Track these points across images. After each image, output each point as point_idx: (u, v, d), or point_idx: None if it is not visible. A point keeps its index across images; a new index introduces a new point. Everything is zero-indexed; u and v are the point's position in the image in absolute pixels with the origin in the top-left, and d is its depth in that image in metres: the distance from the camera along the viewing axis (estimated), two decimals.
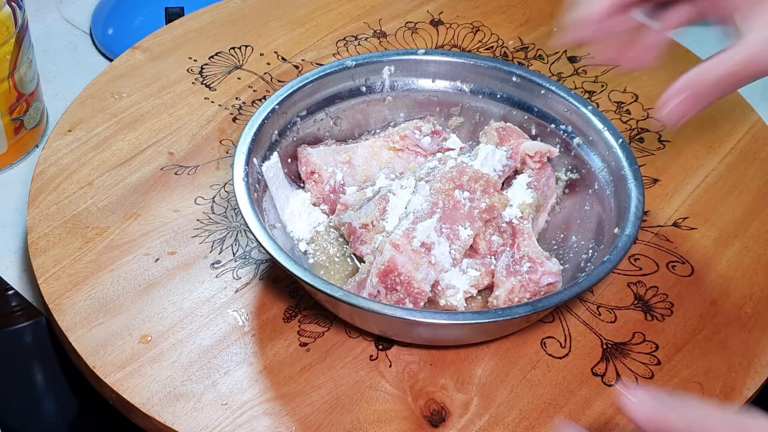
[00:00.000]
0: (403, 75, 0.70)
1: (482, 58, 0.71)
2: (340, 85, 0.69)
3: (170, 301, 0.62)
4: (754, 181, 0.73)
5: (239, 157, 0.62)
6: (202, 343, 0.60)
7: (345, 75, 0.69)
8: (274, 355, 0.59)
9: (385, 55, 0.70)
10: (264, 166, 0.64)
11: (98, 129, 0.75)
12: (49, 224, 0.67)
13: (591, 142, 0.67)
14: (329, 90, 0.69)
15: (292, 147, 0.68)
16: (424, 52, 0.70)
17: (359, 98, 0.70)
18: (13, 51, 0.73)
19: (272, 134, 0.66)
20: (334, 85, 0.69)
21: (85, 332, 0.60)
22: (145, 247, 0.66)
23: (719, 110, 0.79)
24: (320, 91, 0.68)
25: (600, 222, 0.64)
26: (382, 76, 0.70)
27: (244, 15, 0.87)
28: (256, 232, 0.58)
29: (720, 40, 0.95)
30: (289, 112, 0.67)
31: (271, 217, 0.63)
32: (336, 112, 0.70)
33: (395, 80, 0.70)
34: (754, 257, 0.68)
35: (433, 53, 0.71)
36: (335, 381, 0.58)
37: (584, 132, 0.67)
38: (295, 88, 0.67)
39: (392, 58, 0.70)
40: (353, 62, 0.69)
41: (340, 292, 0.55)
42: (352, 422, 0.56)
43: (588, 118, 0.67)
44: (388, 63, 0.70)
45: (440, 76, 0.71)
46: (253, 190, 0.61)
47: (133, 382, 0.57)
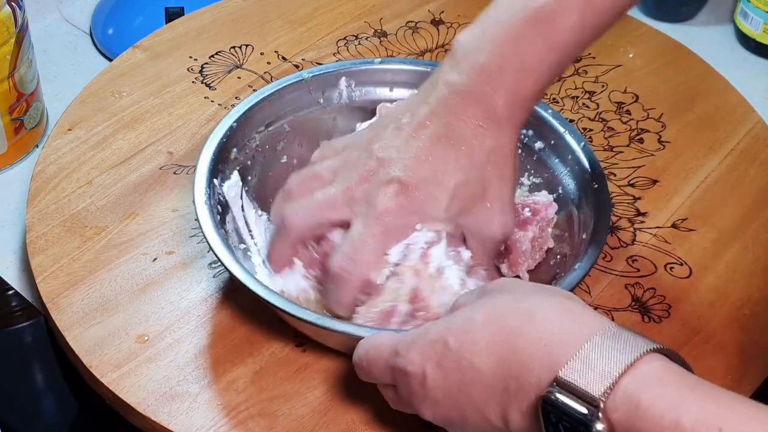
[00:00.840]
0: (360, 85, 0.69)
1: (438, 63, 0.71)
2: (297, 98, 0.68)
3: (167, 301, 0.62)
4: (754, 183, 0.73)
5: (199, 179, 0.60)
6: (198, 343, 0.60)
7: (302, 87, 0.68)
8: (270, 355, 0.59)
9: (340, 65, 0.69)
10: (225, 186, 0.63)
11: (98, 128, 0.75)
12: (47, 223, 0.67)
13: (553, 146, 0.66)
14: (287, 103, 0.68)
15: (251, 163, 0.66)
16: (380, 61, 0.70)
17: (317, 109, 0.69)
18: (13, 51, 0.73)
19: (231, 152, 0.64)
20: (292, 98, 0.68)
21: (82, 331, 0.60)
22: (143, 247, 0.66)
23: (719, 111, 0.79)
24: (278, 104, 0.67)
25: (568, 225, 0.63)
26: (339, 87, 0.69)
27: (245, 14, 0.87)
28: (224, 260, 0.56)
29: (720, 40, 0.95)
30: (247, 129, 0.66)
31: (234, 238, 0.62)
32: (294, 125, 0.68)
33: (353, 90, 0.69)
34: (753, 259, 0.67)
35: (390, 61, 0.70)
36: (330, 382, 0.58)
37: (546, 136, 0.66)
38: (252, 103, 0.66)
39: (348, 68, 0.69)
40: (309, 74, 0.68)
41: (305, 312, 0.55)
42: (347, 423, 0.56)
43: (549, 122, 0.66)
44: (345, 73, 0.69)
45: (398, 84, 0.70)
46: (216, 212, 0.60)
47: (129, 382, 0.58)
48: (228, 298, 0.63)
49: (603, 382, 0.40)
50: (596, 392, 0.40)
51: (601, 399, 0.40)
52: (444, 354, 0.46)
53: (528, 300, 0.46)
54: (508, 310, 0.46)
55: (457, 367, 0.46)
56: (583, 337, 0.42)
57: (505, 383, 0.44)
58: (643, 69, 0.83)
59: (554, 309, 0.45)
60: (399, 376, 0.49)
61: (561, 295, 0.47)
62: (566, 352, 0.42)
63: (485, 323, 0.45)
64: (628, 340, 0.42)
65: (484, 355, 0.45)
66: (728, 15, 0.96)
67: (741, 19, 0.92)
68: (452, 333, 0.46)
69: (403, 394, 0.49)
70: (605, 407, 0.40)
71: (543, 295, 0.46)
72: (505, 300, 0.47)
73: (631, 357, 0.41)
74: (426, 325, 0.49)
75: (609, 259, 0.66)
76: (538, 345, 0.43)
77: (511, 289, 0.48)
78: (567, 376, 0.41)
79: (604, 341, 0.42)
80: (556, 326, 0.44)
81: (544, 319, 0.44)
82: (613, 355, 0.41)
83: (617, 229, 0.69)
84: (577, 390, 0.41)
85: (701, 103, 0.80)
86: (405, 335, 0.50)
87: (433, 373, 0.47)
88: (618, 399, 0.40)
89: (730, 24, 0.95)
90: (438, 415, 0.48)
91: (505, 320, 0.45)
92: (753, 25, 0.91)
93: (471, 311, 0.47)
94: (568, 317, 0.44)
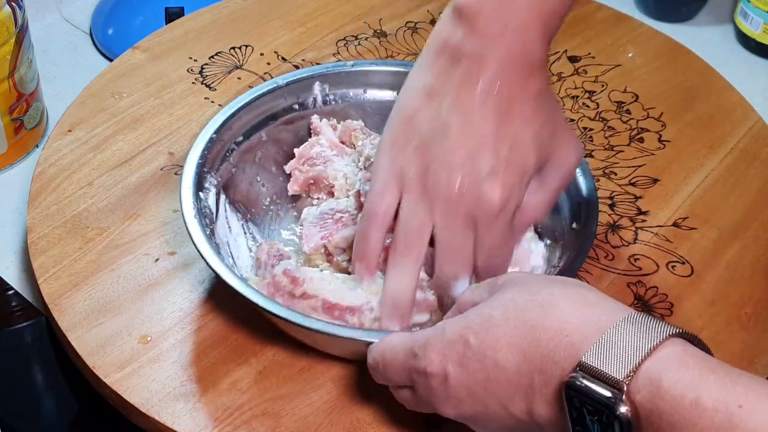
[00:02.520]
0: (334, 88, 0.70)
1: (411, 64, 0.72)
2: (273, 106, 0.68)
3: (170, 302, 0.62)
4: (754, 182, 0.73)
5: (186, 192, 0.60)
6: (201, 343, 0.60)
7: (277, 94, 0.68)
8: (273, 355, 0.59)
9: (314, 69, 0.69)
10: (210, 198, 0.62)
11: (98, 129, 0.75)
12: (49, 224, 0.67)
13: None
14: (263, 112, 0.67)
15: (230, 174, 0.66)
16: (352, 64, 0.70)
17: (292, 116, 0.69)
18: (13, 51, 0.73)
19: (213, 164, 0.64)
20: (268, 105, 0.68)
21: (85, 332, 0.60)
22: (145, 248, 0.66)
23: (719, 110, 0.79)
24: (254, 113, 0.67)
25: (554, 219, 0.64)
26: (314, 91, 0.69)
27: (245, 15, 0.87)
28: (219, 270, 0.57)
29: (720, 41, 0.95)
30: (226, 138, 0.65)
31: (226, 249, 0.62)
32: (271, 133, 0.68)
33: (327, 95, 0.69)
34: (754, 257, 0.67)
35: (362, 64, 0.71)
36: (334, 381, 0.58)
37: None
38: (229, 113, 0.65)
39: (321, 72, 0.69)
40: (284, 80, 0.68)
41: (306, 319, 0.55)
42: (352, 422, 0.56)
43: None
44: (318, 78, 0.69)
45: (372, 86, 0.70)
46: (206, 225, 0.59)
47: (132, 382, 0.57)
48: (231, 299, 0.63)
49: (626, 366, 0.41)
50: (620, 375, 0.41)
51: (624, 382, 0.41)
52: (465, 353, 0.46)
53: (544, 292, 0.46)
54: (526, 304, 0.46)
55: (480, 365, 0.46)
56: (604, 325, 0.43)
57: (529, 377, 0.44)
58: (642, 68, 0.83)
59: (572, 300, 0.45)
60: (418, 377, 0.49)
61: (575, 285, 0.47)
62: (588, 340, 0.42)
63: (505, 319, 0.46)
64: (650, 325, 0.42)
65: (506, 351, 0.45)
66: (728, 15, 0.96)
67: (741, 19, 0.92)
68: (472, 331, 0.46)
69: (423, 395, 0.49)
70: (628, 390, 0.41)
71: (558, 287, 0.46)
72: (520, 294, 0.47)
73: (653, 341, 0.41)
74: (440, 325, 0.49)
75: (611, 258, 0.67)
76: (560, 336, 0.43)
77: (524, 282, 0.48)
78: (590, 361, 0.42)
79: (626, 327, 0.42)
80: (576, 316, 0.44)
81: (564, 310, 0.44)
82: (636, 340, 0.42)
83: (619, 228, 0.69)
84: (600, 374, 0.41)
85: (701, 102, 0.80)
86: (419, 335, 0.50)
87: (455, 373, 0.47)
88: (640, 382, 0.41)
89: (730, 24, 0.95)
90: (461, 413, 0.48)
91: (524, 314, 0.45)
92: (753, 25, 0.91)
93: (488, 308, 0.47)
94: (586, 307, 0.44)
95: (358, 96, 0.70)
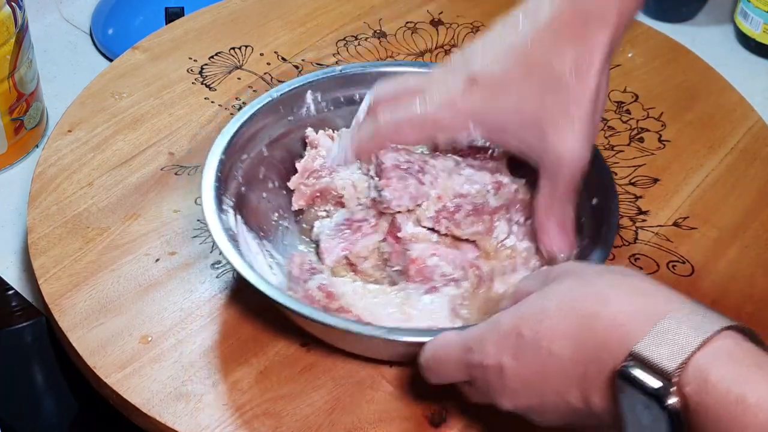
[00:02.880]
0: (326, 94, 0.69)
1: (401, 63, 0.71)
2: (270, 121, 0.67)
3: (171, 302, 0.62)
4: (754, 181, 0.73)
5: (210, 216, 0.59)
6: (202, 343, 0.60)
7: (272, 108, 0.67)
8: (274, 355, 0.59)
9: (304, 78, 0.69)
10: (230, 219, 0.61)
11: (98, 129, 0.75)
12: (49, 224, 0.67)
13: None
14: (261, 127, 0.67)
15: (240, 192, 0.64)
16: (341, 69, 0.70)
17: (288, 127, 0.68)
18: (13, 51, 0.73)
19: (227, 185, 0.63)
20: (266, 121, 0.67)
21: (86, 332, 0.60)
22: (145, 248, 0.66)
23: (719, 110, 0.79)
24: (253, 129, 0.66)
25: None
26: (306, 100, 0.69)
27: (244, 15, 0.87)
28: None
29: (720, 41, 0.95)
30: (233, 159, 0.64)
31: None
32: (271, 147, 0.67)
33: (320, 102, 0.69)
34: (754, 257, 0.68)
35: (351, 67, 0.70)
36: (336, 381, 0.58)
37: None
38: (232, 133, 0.64)
39: (311, 80, 0.69)
40: (278, 93, 0.68)
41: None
42: (353, 422, 0.56)
43: None
44: (309, 87, 0.69)
45: (365, 88, 0.69)
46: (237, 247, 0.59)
47: (133, 383, 0.57)
48: (231, 298, 0.63)
49: (677, 357, 0.41)
50: (670, 367, 0.41)
51: (674, 374, 0.41)
52: (519, 344, 0.46)
53: (598, 282, 0.46)
54: (580, 295, 0.45)
55: (535, 355, 0.46)
56: (659, 315, 0.42)
57: (584, 367, 0.44)
58: (642, 68, 0.83)
59: (627, 289, 0.45)
60: (475, 371, 0.49)
61: (631, 274, 0.47)
62: (642, 330, 0.42)
63: (559, 309, 0.45)
64: (704, 316, 0.42)
65: (561, 341, 0.45)
66: (728, 15, 0.97)
67: (741, 19, 0.92)
68: (526, 322, 0.46)
69: (481, 388, 0.49)
70: (678, 382, 0.41)
71: (613, 276, 0.46)
72: (575, 284, 0.46)
73: (705, 333, 0.41)
74: (494, 318, 0.49)
75: (612, 258, 0.67)
76: (614, 326, 0.43)
77: (579, 272, 0.48)
78: (642, 351, 0.42)
79: (680, 317, 0.42)
80: (631, 306, 0.44)
81: (618, 300, 0.44)
82: (688, 331, 0.41)
83: (619, 228, 0.69)
84: (651, 364, 0.41)
85: (701, 102, 0.80)
86: (472, 330, 0.50)
87: (510, 364, 0.47)
88: (690, 374, 0.40)
89: (730, 24, 0.95)
90: (518, 404, 0.48)
91: (579, 304, 0.45)
92: (753, 25, 0.91)
93: (542, 298, 0.47)
94: (641, 296, 0.44)
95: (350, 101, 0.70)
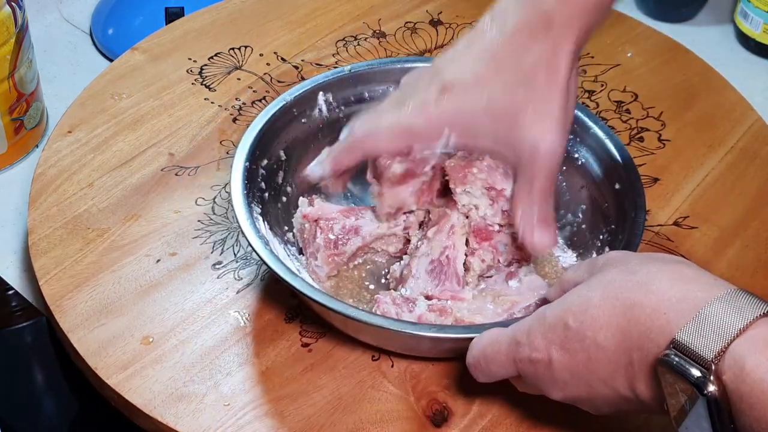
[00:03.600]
0: (337, 94, 0.69)
1: (410, 60, 0.71)
2: (285, 124, 0.67)
3: (171, 302, 0.62)
4: (754, 180, 0.73)
5: (245, 224, 0.59)
6: (203, 344, 0.60)
7: (286, 111, 0.67)
8: (276, 355, 0.59)
9: (315, 80, 0.69)
10: (261, 227, 0.61)
11: (98, 130, 0.75)
12: (49, 225, 0.67)
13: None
14: (278, 130, 0.67)
15: (264, 199, 0.65)
16: (350, 69, 0.70)
17: (302, 129, 0.68)
18: (13, 51, 0.73)
19: (253, 192, 0.63)
20: (281, 125, 0.67)
21: (87, 333, 0.60)
22: (146, 248, 0.66)
23: (719, 109, 0.79)
24: (272, 134, 0.66)
25: (590, 194, 0.65)
26: (318, 102, 0.69)
27: (244, 15, 0.87)
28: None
29: (720, 41, 0.96)
30: (255, 166, 0.64)
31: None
32: (288, 151, 0.67)
33: (331, 103, 0.69)
34: (754, 256, 0.68)
35: (359, 66, 0.70)
36: (337, 381, 0.58)
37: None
38: (254, 139, 0.64)
39: (321, 82, 0.69)
40: (291, 96, 0.68)
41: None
42: (355, 422, 0.56)
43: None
44: (322, 88, 0.69)
45: (375, 86, 0.70)
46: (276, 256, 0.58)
47: (135, 384, 0.57)
48: (232, 299, 0.63)
49: (715, 345, 0.41)
50: (708, 355, 0.41)
51: (712, 362, 0.41)
52: (566, 335, 0.47)
53: (642, 271, 0.46)
54: (624, 284, 0.46)
55: (581, 346, 0.46)
56: (701, 302, 0.43)
57: (629, 355, 0.45)
58: (642, 68, 0.83)
59: (669, 276, 0.45)
60: (524, 365, 0.49)
61: (674, 261, 0.47)
62: (684, 317, 0.43)
63: (603, 299, 0.46)
64: (744, 302, 0.42)
65: (605, 330, 0.45)
66: (728, 15, 0.97)
67: (741, 19, 0.92)
68: (571, 313, 0.47)
69: (530, 381, 0.50)
70: (716, 370, 0.41)
71: (656, 264, 0.47)
72: (619, 273, 0.47)
73: (744, 320, 0.41)
74: (540, 310, 0.49)
75: None
76: (657, 314, 0.44)
77: (623, 261, 0.48)
78: (683, 339, 0.42)
79: (720, 304, 0.42)
80: (673, 293, 0.44)
81: (660, 288, 0.45)
82: (727, 319, 0.42)
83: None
84: (691, 352, 0.42)
85: (700, 101, 0.80)
86: (520, 325, 0.50)
87: (558, 356, 0.47)
88: (727, 362, 0.41)
89: (730, 24, 0.95)
90: (567, 394, 0.49)
91: (622, 294, 0.45)
92: (753, 25, 0.91)
93: (586, 289, 0.47)
94: (683, 283, 0.44)
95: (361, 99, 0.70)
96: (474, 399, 0.58)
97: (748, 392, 0.40)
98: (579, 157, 0.67)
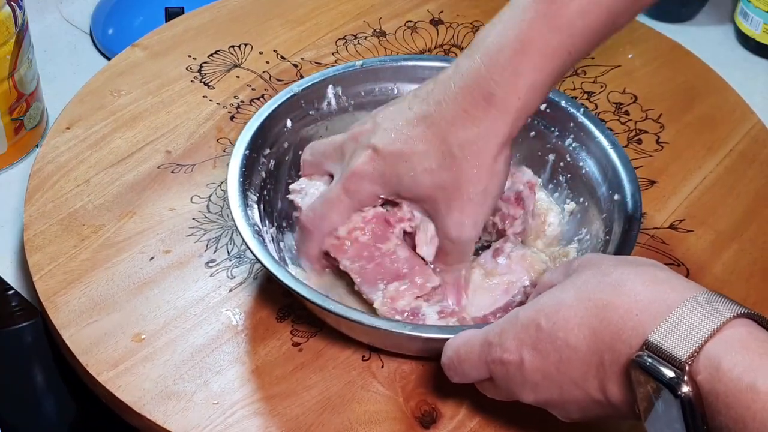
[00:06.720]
0: (347, 89, 0.69)
1: (421, 57, 0.71)
2: (292, 115, 0.67)
3: (164, 300, 0.62)
4: (752, 184, 0.73)
5: (237, 212, 0.59)
6: (195, 342, 0.60)
7: (294, 102, 0.67)
8: (266, 354, 0.60)
9: (325, 73, 0.69)
10: (255, 215, 0.61)
11: (96, 127, 0.75)
12: (45, 221, 0.67)
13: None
14: (283, 122, 0.67)
15: (268, 186, 0.65)
16: (361, 64, 0.70)
17: (310, 121, 0.68)
18: (13, 51, 0.74)
19: (251, 180, 0.63)
20: (287, 115, 0.67)
21: (79, 330, 0.60)
22: (140, 246, 0.66)
23: (719, 111, 0.79)
24: (276, 124, 0.66)
25: (590, 191, 0.65)
26: (327, 95, 0.69)
27: (244, 13, 0.87)
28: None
29: (720, 41, 0.95)
30: (256, 154, 0.64)
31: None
32: (293, 141, 0.67)
33: (341, 96, 0.69)
34: (750, 260, 0.67)
35: (371, 62, 0.70)
36: (327, 381, 0.58)
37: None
38: (255, 127, 0.64)
39: (332, 75, 0.69)
40: (299, 87, 0.68)
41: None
42: (343, 423, 0.56)
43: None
44: (331, 81, 0.69)
45: (382, 81, 0.70)
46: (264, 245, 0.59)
47: (125, 381, 0.58)
48: (224, 297, 0.63)
49: (689, 346, 0.41)
50: (682, 356, 0.41)
51: (686, 362, 0.41)
52: (538, 336, 0.47)
53: (615, 272, 0.46)
54: (597, 285, 0.46)
55: (552, 347, 0.46)
56: (673, 304, 0.43)
57: (600, 356, 0.44)
58: (641, 69, 0.83)
59: (642, 278, 0.45)
60: (496, 366, 0.49)
61: (647, 264, 0.47)
62: (656, 319, 0.43)
63: (575, 300, 0.46)
64: (717, 304, 0.42)
65: (577, 331, 0.45)
66: (728, 15, 0.96)
67: (741, 19, 0.92)
68: (543, 314, 0.47)
69: (502, 384, 0.50)
70: (690, 370, 0.41)
71: (630, 267, 0.47)
72: (593, 275, 0.47)
73: (717, 321, 0.41)
74: (513, 311, 0.49)
75: None
76: (629, 315, 0.44)
77: (598, 263, 0.48)
78: (655, 340, 0.42)
79: (693, 306, 0.42)
80: (646, 295, 0.44)
81: (633, 289, 0.44)
82: (701, 320, 0.42)
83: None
84: (664, 353, 0.42)
85: (700, 103, 0.80)
86: (493, 326, 0.50)
87: (529, 357, 0.47)
88: (701, 363, 0.41)
89: (730, 24, 0.95)
90: (539, 396, 0.49)
91: (595, 295, 0.45)
92: (753, 25, 0.90)
93: (560, 291, 0.47)
94: (656, 285, 0.44)
95: (369, 95, 0.70)
96: (463, 401, 0.58)
97: (724, 392, 0.40)
98: (583, 166, 0.66)
